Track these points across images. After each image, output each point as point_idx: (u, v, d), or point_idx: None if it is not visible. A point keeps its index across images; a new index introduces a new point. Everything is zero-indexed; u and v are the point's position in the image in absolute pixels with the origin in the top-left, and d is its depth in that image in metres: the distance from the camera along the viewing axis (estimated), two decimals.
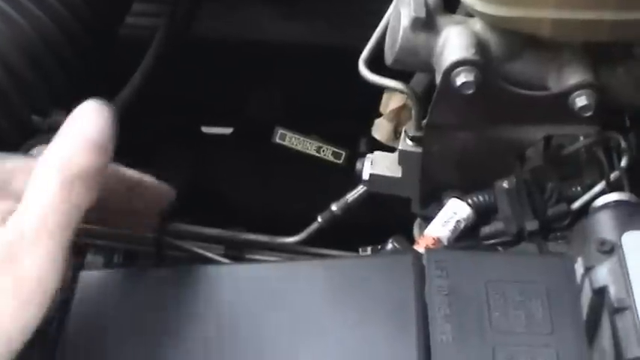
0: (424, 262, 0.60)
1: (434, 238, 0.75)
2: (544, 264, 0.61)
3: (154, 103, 0.94)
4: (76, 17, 0.80)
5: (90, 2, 0.81)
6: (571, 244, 0.68)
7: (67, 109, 0.88)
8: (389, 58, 0.77)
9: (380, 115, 0.91)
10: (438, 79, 0.74)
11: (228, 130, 1.13)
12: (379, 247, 0.80)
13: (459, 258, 0.60)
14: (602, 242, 0.63)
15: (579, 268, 0.63)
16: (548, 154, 0.78)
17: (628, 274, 0.60)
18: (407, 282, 0.59)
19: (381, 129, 0.91)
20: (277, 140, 0.99)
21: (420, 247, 0.75)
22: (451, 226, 0.76)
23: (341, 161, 1.00)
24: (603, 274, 0.62)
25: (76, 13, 0.80)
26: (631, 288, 0.59)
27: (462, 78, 0.72)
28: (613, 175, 0.76)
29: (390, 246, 0.75)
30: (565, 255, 0.65)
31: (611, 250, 0.63)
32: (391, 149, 0.88)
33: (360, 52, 0.81)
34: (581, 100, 0.73)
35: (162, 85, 0.94)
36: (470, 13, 0.75)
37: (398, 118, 0.90)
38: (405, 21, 0.74)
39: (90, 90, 0.85)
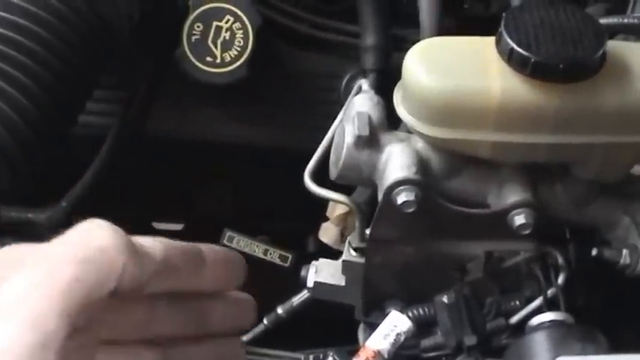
0: None
1: (374, 351, 0.76)
2: None
3: (106, 198, 0.95)
4: (26, 122, 0.80)
5: (40, 106, 0.81)
6: None
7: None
8: (333, 173, 0.78)
9: (327, 218, 0.92)
10: (380, 196, 0.75)
11: (178, 227, 1.14)
12: (321, 356, 0.81)
13: None
14: None
15: None
16: (488, 267, 0.80)
17: None
18: None
19: (327, 233, 0.92)
20: (225, 242, 1.00)
21: None
22: (392, 339, 0.77)
23: (288, 264, 1.01)
24: None
25: (26, 118, 0.80)
26: None
27: (402, 197, 0.74)
28: (550, 292, 0.77)
29: (330, 359, 0.76)
30: None
31: None
32: (338, 251, 0.89)
33: (307, 154, 0.83)
34: (519, 219, 0.75)
35: (114, 181, 0.95)
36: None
37: (344, 222, 0.91)
38: (348, 139, 0.76)
39: (39, 189, 0.87)
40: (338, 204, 0.90)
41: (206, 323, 0.60)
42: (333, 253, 0.89)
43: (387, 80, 0.91)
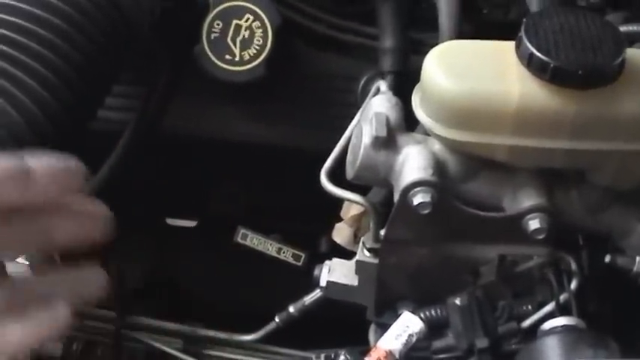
0: None
1: (386, 351, 0.76)
2: None
3: (121, 193, 0.96)
4: (45, 114, 0.81)
5: (60, 99, 0.82)
6: None
7: None
8: (350, 173, 0.79)
9: (340, 219, 0.93)
10: (396, 197, 0.76)
11: (192, 223, 1.15)
12: (332, 356, 0.81)
13: None
14: None
15: None
16: (501, 271, 0.80)
17: None
18: None
19: (341, 233, 0.93)
20: (239, 240, 1.01)
21: None
22: (403, 339, 0.77)
23: (300, 263, 1.01)
24: None
25: (45, 110, 0.81)
26: None
27: (419, 198, 0.74)
28: (562, 297, 0.78)
29: (342, 358, 0.76)
30: None
31: None
32: (351, 252, 0.90)
33: (323, 154, 0.83)
34: (534, 224, 0.75)
35: (130, 176, 0.96)
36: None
37: (358, 223, 0.92)
38: (366, 139, 0.76)
39: None
40: (352, 205, 0.90)
41: (51, 239, 0.58)
42: (345, 253, 0.90)
43: (404, 82, 0.92)
